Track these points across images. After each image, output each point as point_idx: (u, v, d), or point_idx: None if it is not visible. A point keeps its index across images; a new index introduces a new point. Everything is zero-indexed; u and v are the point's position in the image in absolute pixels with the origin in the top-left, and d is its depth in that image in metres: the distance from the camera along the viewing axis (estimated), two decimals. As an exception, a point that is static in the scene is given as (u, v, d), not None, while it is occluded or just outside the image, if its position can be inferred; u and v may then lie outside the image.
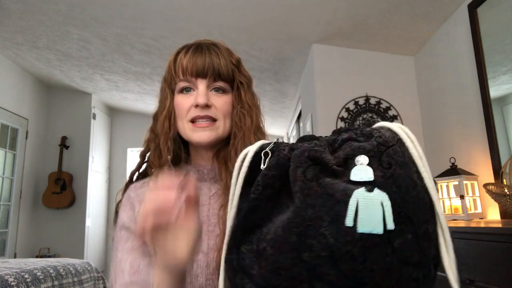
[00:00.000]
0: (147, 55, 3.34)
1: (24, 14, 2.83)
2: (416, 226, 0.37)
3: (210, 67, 0.70)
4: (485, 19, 1.96)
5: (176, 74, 0.72)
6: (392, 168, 0.38)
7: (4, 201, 3.81)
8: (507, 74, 1.84)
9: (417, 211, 0.38)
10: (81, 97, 4.69)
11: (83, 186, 4.48)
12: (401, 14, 2.34)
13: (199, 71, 0.70)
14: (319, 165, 0.39)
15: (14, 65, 3.92)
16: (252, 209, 0.41)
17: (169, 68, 0.73)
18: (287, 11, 2.44)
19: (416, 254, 0.37)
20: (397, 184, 0.37)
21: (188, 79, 0.71)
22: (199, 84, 0.70)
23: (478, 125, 2.03)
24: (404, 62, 2.85)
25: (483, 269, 1.21)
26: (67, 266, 2.08)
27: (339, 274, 0.36)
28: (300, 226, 0.37)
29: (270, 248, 0.38)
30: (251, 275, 0.39)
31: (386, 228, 0.35)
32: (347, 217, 0.36)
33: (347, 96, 2.78)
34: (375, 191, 0.36)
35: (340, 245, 0.35)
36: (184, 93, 0.72)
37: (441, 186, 2.07)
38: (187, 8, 2.51)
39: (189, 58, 0.70)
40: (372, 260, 0.36)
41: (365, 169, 0.37)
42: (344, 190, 0.36)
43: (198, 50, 0.72)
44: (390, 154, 0.38)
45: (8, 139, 3.88)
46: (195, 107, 0.70)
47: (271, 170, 0.41)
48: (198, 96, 0.69)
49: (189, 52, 0.71)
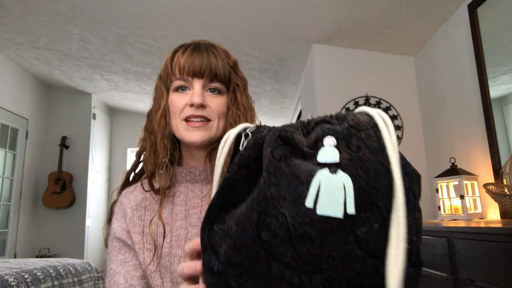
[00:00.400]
0: (147, 55, 3.34)
1: (24, 14, 2.83)
2: (385, 216, 0.35)
3: (207, 68, 0.70)
4: (485, 19, 1.96)
5: (173, 72, 0.71)
6: (361, 152, 0.36)
7: (4, 201, 3.81)
8: (507, 74, 1.84)
9: (387, 200, 0.35)
10: (81, 97, 4.69)
11: (83, 186, 4.48)
12: (401, 14, 2.34)
13: (196, 71, 0.70)
14: (289, 146, 0.38)
15: (14, 65, 3.92)
16: (226, 188, 0.41)
17: (166, 66, 0.73)
18: (287, 11, 2.44)
19: (384, 246, 0.35)
20: (365, 168, 0.35)
21: (184, 78, 0.71)
22: (195, 84, 0.71)
23: (478, 125, 2.03)
24: (404, 62, 2.85)
25: (483, 269, 1.21)
26: (67, 266, 2.08)
27: (296, 256, 0.35)
28: (261, 204, 0.36)
29: (235, 226, 0.38)
30: (217, 253, 0.39)
31: (346, 213, 0.34)
32: (307, 198, 0.35)
33: (347, 96, 2.78)
34: (338, 173, 0.35)
35: (298, 225, 0.34)
36: (179, 92, 0.72)
37: (441, 186, 2.07)
38: (187, 8, 2.51)
39: (186, 57, 0.70)
40: (330, 245, 0.34)
41: (331, 150, 0.36)
42: (310, 171, 0.35)
43: (196, 50, 0.72)
44: (362, 137, 0.36)
45: (8, 139, 3.88)
46: (190, 106, 0.70)
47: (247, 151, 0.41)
48: (193, 95, 0.69)
49: (187, 52, 0.71)
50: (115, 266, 0.69)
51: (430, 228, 1.57)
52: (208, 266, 0.40)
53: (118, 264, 0.69)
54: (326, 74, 2.83)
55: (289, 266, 0.36)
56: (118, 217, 0.73)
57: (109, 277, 0.68)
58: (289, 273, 0.36)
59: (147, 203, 0.73)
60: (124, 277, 0.67)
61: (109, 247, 0.72)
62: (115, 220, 0.73)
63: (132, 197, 0.74)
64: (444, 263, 1.43)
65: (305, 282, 0.36)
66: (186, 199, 0.73)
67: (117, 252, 0.70)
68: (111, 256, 0.70)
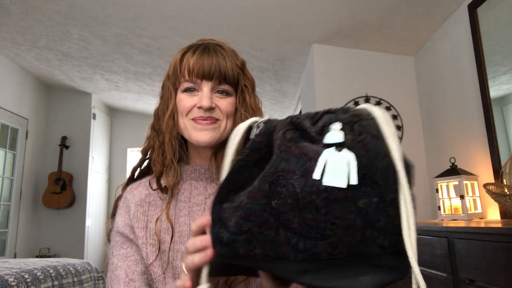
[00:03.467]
0: (147, 55, 3.34)
1: (24, 14, 2.83)
2: (384, 192, 0.39)
3: (216, 70, 0.70)
4: (485, 19, 1.96)
5: (181, 73, 0.71)
6: (362, 135, 0.40)
7: (4, 201, 3.81)
8: (507, 74, 1.84)
9: (386, 179, 0.39)
10: (81, 97, 4.69)
11: (83, 186, 4.48)
12: (401, 14, 2.34)
13: (205, 73, 0.70)
14: (299, 131, 0.43)
15: (14, 65, 3.92)
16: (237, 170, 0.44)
17: (175, 67, 0.73)
18: (287, 11, 2.44)
19: (382, 219, 0.39)
20: (366, 148, 0.39)
21: (193, 80, 0.71)
22: (204, 86, 0.71)
23: (478, 125, 2.03)
24: (404, 62, 2.85)
25: (483, 269, 1.21)
26: (67, 266, 2.08)
27: (303, 223, 0.39)
28: (272, 175, 0.40)
29: (246, 198, 0.41)
30: (227, 225, 0.42)
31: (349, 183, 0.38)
32: (315, 171, 0.39)
33: (347, 96, 2.78)
34: (343, 151, 0.39)
35: (305, 194, 0.38)
36: (188, 93, 0.72)
37: (441, 186, 2.07)
38: (187, 8, 2.51)
39: (196, 59, 0.70)
40: (334, 213, 0.38)
41: (337, 133, 0.41)
42: (317, 151, 0.40)
43: (205, 51, 0.72)
44: (363, 124, 0.41)
45: (8, 139, 3.88)
46: (198, 108, 0.70)
47: (259, 137, 0.45)
48: (202, 98, 0.69)
49: (196, 53, 0.71)
50: (117, 260, 0.69)
51: (430, 228, 1.57)
52: (217, 237, 0.43)
53: (120, 259, 0.69)
54: (326, 74, 2.83)
55: (296, 232, 0.39)
56: (122, 212, 0.73)
57: (110, 271, 0.69)
58: (295, 239, 0.39)
59: (151, 199, 0.74)
60: (125, 272, 0.68)
61: (111, 241, 0.72)
62: (118, 215, 0.74)
63: (137, 193, 0.75)
64: (444, 263, 1.43)
65: (310, 247, 0.39)
66: (190, 196, 0.74)
67: (119, 247, 0.71)
68: (113, 250, 0.71)
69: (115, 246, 0.71)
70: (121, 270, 0.68)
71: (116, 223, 0.73)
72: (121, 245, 0.71)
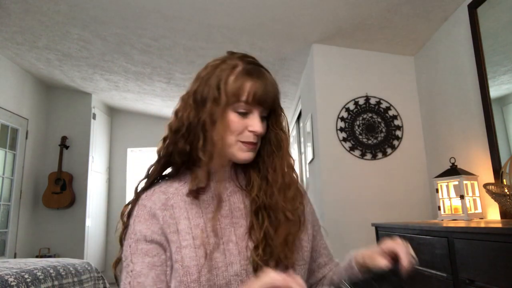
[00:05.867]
0: (147, 55, 3.34)
1: (24, 14, 2.83)
2: None
3: (271, 100, 0.76)
4: (485, 19, 1.96)
5: (237, 95, 0.72)
6: None
7: (4, 201, 3.81)
8: (507, 74, 1.84)
9: None
10: (81, 97, 4.69)
11: (83, 186, 4.48)
12: (401, 14, 2.33)
13: (261, 101, 0.74)
14: None
15: (14, 65, 3.92)
16: None
17: (229, 86, 0.72)
18: (287, 11, 2.44)
19: None
20: None
21: (249, 105, 0.73)
22: (255, 111, 0.74)
23: (478, 125, 2.03)
24: (404, 62, 2.85)
25: (483, 269, 1.21)
26: (67, 266, 2.08)
27: None
28: None
29: None
30: None
31: None
32: None
33: (347, 96, 2.78)
34: None
35: None
36: (239, 115, 0.74)
37: (441, 186, 2.07)
38: (187, 8, 2.51)
39: (256, 86, 0.73)
40: None
41: None
42: None
43: (262, 78, 0.75)
44: None
45: (8, 139, 3.88)
46: (249, 132, 0.74)
47: None
48: (255, 124, 0.74)
49: (254, 78, 0.73)
50: (140, 268, 0.70)
51: (430, 228, 1.57)
52: None
53: (145, 266, 0.70)
54: (326, 74, 2.83)
55: None
56: (143, 220, 0.73)
57: (130, 278, 0.69)
58: None
59: (172, 201, 0.75)
60: (153, 280, 0.69)
61: (131, 248, 0.71)
62: (138, 222, 0.73)
63: (156, 199, 0.75)
64: (444, 263, 1.43)
65: None
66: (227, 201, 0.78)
67: (144, 254, 0.70)
68: (133, 257, 0.71)
69: (137, 253, 0.71)
70: (146, 278, 0.69)
71: (139, 231, 0.72)
72: (146, 253, 0.71)
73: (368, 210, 2.59)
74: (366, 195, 2.63)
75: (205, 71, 0.77)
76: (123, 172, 5.34)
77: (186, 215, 0.73)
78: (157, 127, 5.43)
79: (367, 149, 2.70)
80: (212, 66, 0.77)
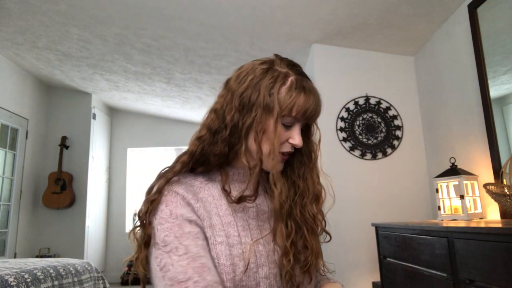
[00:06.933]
0: (147, 55, 3.34)
1: (24, 14, 2.83)
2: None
3: (317, 115, 0.76)
4: (485, 19, 1.96)
5: (287, 108, 0.71)
6: None
7: (4, 201, 3.81)
8: (507, 74, 1.84)
9: None
10: (81, 97, 4.69)
11: (83, 186, 4.48)
12: (401, 14, 2.34)
13: (310, 116, 0.74)
14: None
15: (14, 65, 3.92)
16: None
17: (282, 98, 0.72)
18: (287, 11, 2.44)
19: None
20: None
21: (296, 119, 0.74)
22: (298, 124, 0.75)
23: (478, 125, 2.03)
24: (404, 62, 2.85)
25: (483, 269, 1.21)
26: (67, 266, 2.08)
27: None
28: None
29: None
30: None
31: None
32: None
33: (347, 96, 2.78)
34: None
35: None
36: (284, 127, 0.73)
37: (441, 186, 2.07)
38: (187, 8, 2.51)
39: (310, 104, 0.73)
40: None
41: None
42: None
43: (313, 93, 0.74)
44: None
45: (8, 139, 3.88)
46: (289, 143, 0.75)
47: None
48: (297, 137, 0.74)
49: (306, 93, 0.73)
50: (196, 249, 0.65)
51: (430, 228, 1.57)
52: None
53: (201, 249, 0.66)
54: (326, 74, 2.83)
55: None
56: (180, 205, 0.68)
57: (187, 259, 0.63)
58: None
59: (201, 195, 0.72)
60: (212, 263, 0.66)
61: (176, 231, 0.66)
62: (175, 207, 0.68)
63: (186, 189, 0.71)
64: (444, 263, 1.43)
65: None
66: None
67: (194, 237, 0.66)
68: (182, 240, 0.65)
69: (186, 236, 0.66)
70: (207, 260, 0.65)
71: (181, 215, 0.67)
72: (196, 235, 0.67)
73: (368, 210, 2.59)
74: (366, 195, 2.63)
75: (254, 74, 0.73)
76: (123, 172, 5.34)
77: (216, 211, 0.71)
78: (157, 127, 5.44)
79: (367, 149, 2.70)
80: (261, 70, 0.73)
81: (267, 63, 0.75)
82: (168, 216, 0.67)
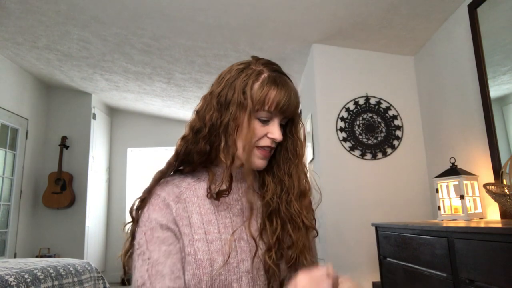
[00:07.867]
0: (147, 55, 3.34)
1: (24, 14, 2.83)
2: None
3: (293, 109, 0.76)
4: (485, 19, 1.96)
5: (261, 103, 0.73)
6: None
7: (4, 201, 3.81)
8: (507, 74, 1.84)
9: None
10: (81, 97, 4.69)
11: (83, 186, 4.48)
12: (401, 14, 2.34)
13: (284, 110, 0.75)
14: None
15: (14, 65, 3.93)
16: None
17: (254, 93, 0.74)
18: (287, 11, 2.44)
19: None
20: None
21: (272, 113, 0.75)
22: (276, 119, 0.76)
23: (478, 125, 2.03)
24: (404, 62, 2.85)
25: (483, 269, 1.21)
26: (67, 266, 2.08)
27: None
28: None
29: None
30: None
31: None
32: None
33: (347, 96, 2.78)
34: None
35: None
36: (260, 122, 0.75)
37: (441, 186, 2.07)
38: (187, 8, 2.51)
39: (280, 95, 0.74)
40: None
41: None
42: None
43: (286, 87, 0.76)
44: None
45: (8, 139, 3.88)
46: (268, 138, 0.76)
47: None
48: (275, 131, 0.75)
49: (279, 87, 0.74)
50: (157, 256, 0.69)
51: (430, 228, 1.57)
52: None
53: (162, 255, 0.70)
54: (326, 74, 2.83)
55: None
56: (157, 209, 0.73)
57: (148, 265, 0.69)
58: None
59: (185, 196, 0.76)
60: (170, 269, 0.69)
61: (147, 236, 0.71)
62: (153, 211, 0.73)
63: (169, 190, 0.76)
64: (444, 263, 1.43)
65: None
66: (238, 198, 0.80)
67: (160, 243, 0.71)
68: (149, 245, 0.70)
69: (153, 241, 0.71)
70: (164, 267, 0.69)
71: (155, 219, 0.72)
72: (162, 241, 0.71)
73: (368, 210, 2.59)
74: (366, 195, 2.63)
75: (230, 74, 0.77)
76: (123, 172, 5.34)
77: (199, 210, 0.75)
78: (157, 127, 5.44)
79: (367, 149, 2.70)
80: (237, 69, 0.77)
81: (244, 63, 0.79)
82: (146, 220, 0.73)
